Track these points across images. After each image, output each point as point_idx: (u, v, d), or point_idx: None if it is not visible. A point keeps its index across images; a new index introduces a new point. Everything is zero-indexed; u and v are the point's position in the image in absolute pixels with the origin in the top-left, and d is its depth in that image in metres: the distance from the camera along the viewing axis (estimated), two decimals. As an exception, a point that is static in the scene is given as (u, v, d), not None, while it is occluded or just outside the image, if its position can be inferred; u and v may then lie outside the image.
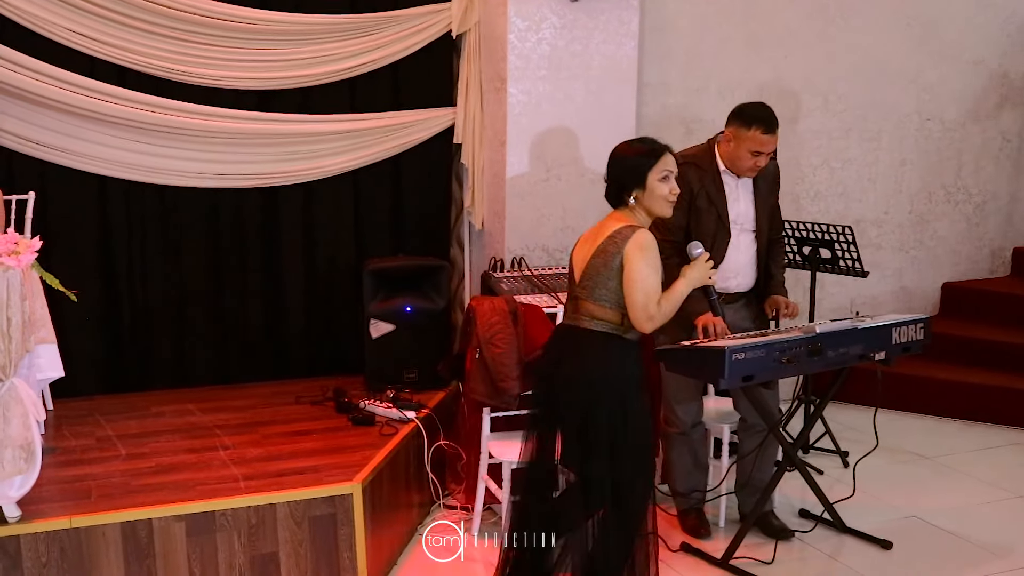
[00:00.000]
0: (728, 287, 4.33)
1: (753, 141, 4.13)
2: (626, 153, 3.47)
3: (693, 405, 4.47)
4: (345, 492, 3.88)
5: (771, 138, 4.16)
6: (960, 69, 6.71)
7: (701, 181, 4.24)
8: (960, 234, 6.93)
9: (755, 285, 4.43)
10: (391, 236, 5.57)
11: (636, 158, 3.43)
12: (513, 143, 5.28)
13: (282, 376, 5.41)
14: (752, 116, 4.14)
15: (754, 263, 4.38)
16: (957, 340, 6.25)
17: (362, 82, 5.36)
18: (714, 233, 4.25)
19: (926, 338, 4.38)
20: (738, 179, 4.29)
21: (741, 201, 4.31)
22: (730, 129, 4.20)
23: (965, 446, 5.66)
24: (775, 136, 4.18)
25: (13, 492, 3.45)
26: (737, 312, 4.39)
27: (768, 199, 4.40)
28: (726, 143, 4.24)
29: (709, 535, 4.47)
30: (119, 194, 5.06)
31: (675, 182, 3.44)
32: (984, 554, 4.34)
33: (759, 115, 4.15)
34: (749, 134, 4.12)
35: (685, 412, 4.44)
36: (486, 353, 4.29)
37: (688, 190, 4.17)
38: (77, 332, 4.91)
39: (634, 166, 3.41)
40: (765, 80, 6.11)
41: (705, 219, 4.24)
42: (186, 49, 4.95)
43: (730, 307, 4.33)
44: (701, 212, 4.24)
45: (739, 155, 4.17)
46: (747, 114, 4.17)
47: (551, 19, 5.24)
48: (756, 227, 4.36)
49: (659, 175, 3.39)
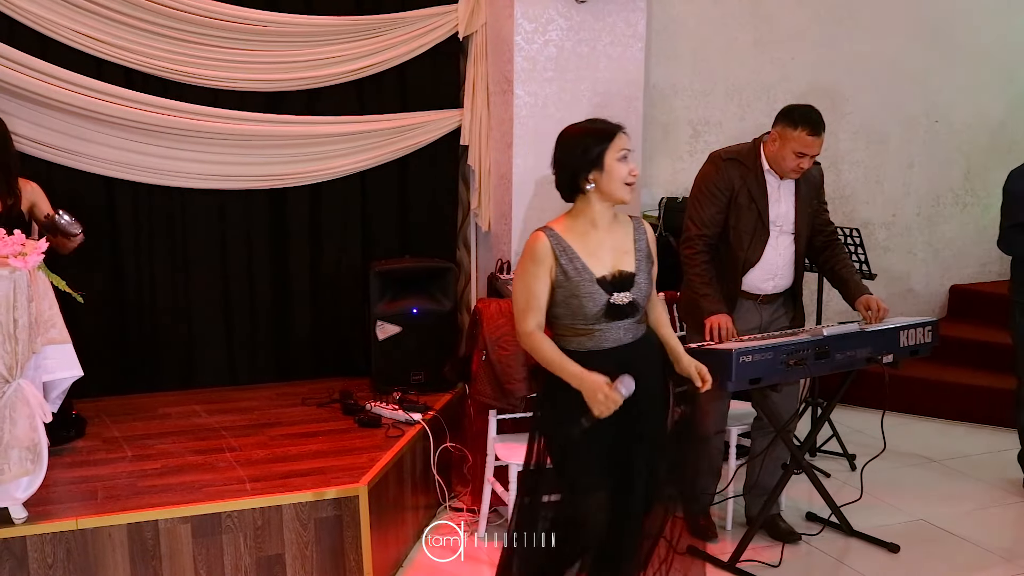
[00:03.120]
0: (765, 288, 4.31)
1: (799, 142, 4.11)
2: (577, 134, 3.20)
3: (717, 413, 4.43)
4: (351, 494, 3.87)
5: (817, 140, 4.14)
6: (968, 71, 6.69)
7: (743, 179, 4.22)
8: (968, 237, 6.91)
9: (792, 285, 4.41)
10: (398, 238, 5.57)
11: (590, 138, 3.16)
12: (520, 145, 5.28)
13: (288, 378, 5.41)
14: (800, 117, 4.13)
15: (792, 265, 4.35)
16: (965, 343, 6.23)
17: (369, 84, 5.36)
18: (753, 231, 4.23)
19: (934, 341, 4.36)
20: (780, 180, 4.27)
21: (783, 202, 4.28)
22: (776, 129, 4.20)
23: (973, 449, 5.64)
24: (821, 138, 4.16)
25: (20, 493, 3.46)
26: (775, 312, 4.38)
27: (810, 202, 4.37)
28: (771, 143, 4.22)
29: (716, 538, 4.46)
30: (126, 196, 5.07)
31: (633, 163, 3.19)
32: (992, 558, 4.33)
33: (807, 116, 4.14)
34: (795, 134, 4.11)
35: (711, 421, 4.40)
36: (492, 355, 4.29)
37: (729, 186, 4.19)
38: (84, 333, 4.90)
39: (588, 147, 3.14)
40: (772, 82, 6.10)
41: (745, 217, 4.23)
42: (193, 51, 4.96)
43: (768, 307, 4.34)
44: (741, 209, 4.22)
45: (784, 155, 4.15)
46: (795, 114, 4.15)
47: (558, 21, 5.23)
48: (796, 230, 4.32)
49: (617, 154, 3.13)
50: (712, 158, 4.33)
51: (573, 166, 3.16)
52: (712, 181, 4.23)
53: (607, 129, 3.17)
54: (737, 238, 4.23)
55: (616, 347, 3.17)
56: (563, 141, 3.23)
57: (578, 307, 3.12)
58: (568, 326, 3.16)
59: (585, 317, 3.13)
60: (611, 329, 3.16)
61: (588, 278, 3.12)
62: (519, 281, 3.19)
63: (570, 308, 3.13)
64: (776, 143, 4.17)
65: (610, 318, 3.14)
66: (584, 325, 3.14)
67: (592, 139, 3.15)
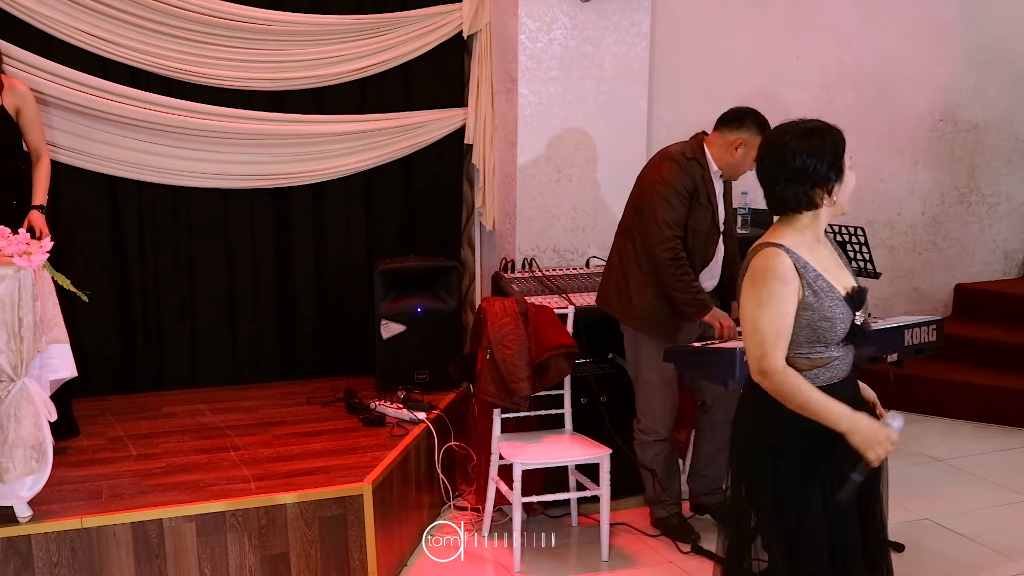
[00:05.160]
0: (708, 287, 4.35)
1: None
2: (814, 140, 2.72)
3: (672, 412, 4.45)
4: (355, 493, 3.88)
5: None
6: (973, 69, 6.67)
7: (703, 179, 4.25)
8: (973, 235, 6.90)
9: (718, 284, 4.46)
10: (402, 237, 5.57)
11: (828, 145, 2.71)
12: (524, 144, 5.28)
13: (293, 377, 5.41)
14: (766, 123, 4.15)
15: (721, 264, 4.43)
16: (970, 342, 6.21)
17: (373, 83, 5.36)
18: (708, 232, 4.28)
19: (939, 340, 4.35)
20: (721, 181, 4.35)
21: (722, 203, 4.36)
22: (741, 135, 4.20)
23: (978, 448, 5.63)
24: None
25: (24, 492, 3.46)
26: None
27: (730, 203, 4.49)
28: (728, 147, 4.24)
29: (699, 538, 4.43)
30: (130, 195, 5.07)
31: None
32: (997, 557, 4.32)
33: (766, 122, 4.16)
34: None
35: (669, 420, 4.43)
36: (497, 354, 4.29)
37: (693, 186, 4.21)
38: (89, 332, 4.92)
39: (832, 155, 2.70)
40: (776, 81, 6.09)
41: (703, 217, 4.25)
42: (197, 50, 4.96)
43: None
44: (701, 209, 4.24)
45: (746, 160, 4.17)
46: (762, 121, 4.19)
47: (562, 20, 5.23)
48: (727, 228, 4.42)
49: (849, 161, 2.74)
50: (674, 156, 4.26)
51: (811, 178, 2.70)
52: (680, 181, 4.20)
53: (839, 133, 2.77)
54: (695, 239, 4.23)
55: (846, 378, 2.80)
56: (794, 148, 2.71)
57: (827, 330, 2.70)
58: (804, 356, 2.72)
59: (828, 343, 2.72)
60: (846, 356, 2.79)
61: (836, 296, 2.71)
62: (762, 310, 2.66)
63: (815, 333, 2.70)
64: (739, 149, 4.20)
65: (849, 341, 2.77)
66: (822, 354, 2.73)
67: (831, 146, 2.73)
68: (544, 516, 4.66)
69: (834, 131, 2.76)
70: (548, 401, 4.52)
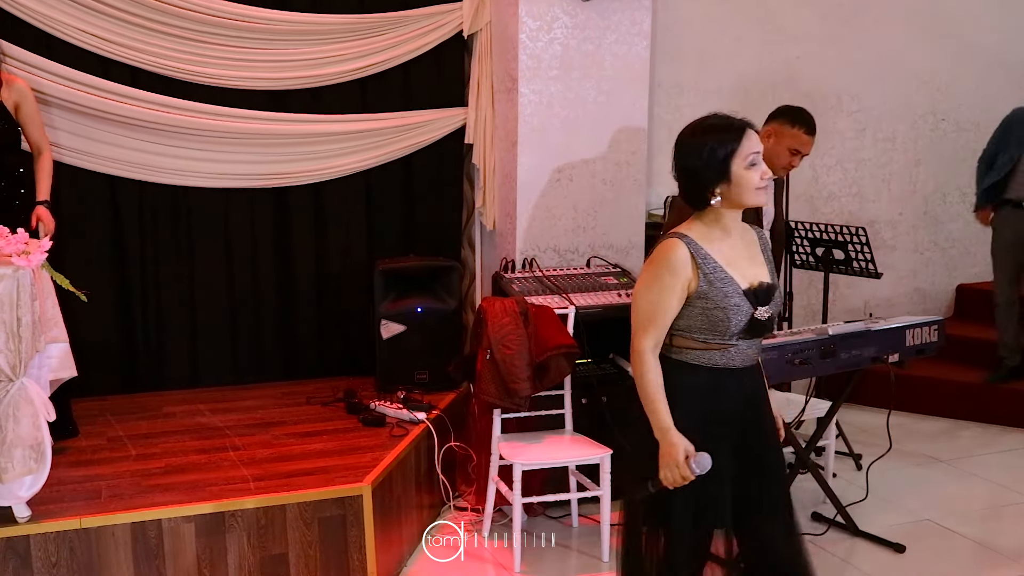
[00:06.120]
0: None
1: (795, 139, 4.26)
2: (697, 137, 2.80)
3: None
4: (355, 493, 3.87)
5: (811, 139, 4.30)
6: (975, 69, 6.67)
7: None
8: (974, 236, 6.88)
9: None
10: (402, 236, 5.57)
11: (711, 142, 2.76)
12: (524, 143, 5.27)
13: (292, 377, 5.41)
14: (797, 114, 4.28)
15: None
16: (971, 342, 6.20)
17: (373, 82, 5.35)
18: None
19: (940, 340, 4.35)
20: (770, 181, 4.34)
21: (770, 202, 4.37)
22: (772, 126, 4.31)
23: (979, 448, 5.62)
24: (813, 139, 4.32)
25: (23, 492, 3.45)
26: None
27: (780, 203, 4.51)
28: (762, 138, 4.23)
29: None
30: (131, 194, 5.07)
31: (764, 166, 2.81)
32: (998, 558, 4.31)
33: (804, 115, 4.30)
34: (792, 131, 4.27)
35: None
36: (497, 354, 4.28)
37: None
38: (89, 332, 4.92)
39: (712, 153, 2.74)
40: (778, 80, 6.08)
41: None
42: (197, 49, 4.96)
43: None
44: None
45: (777, 152, 4.27)
46: (793, 112, 4.30)
47: (563, 19, 5.22)
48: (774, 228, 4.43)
49: (745, 161, 2.75)
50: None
51: (695, 177, 2.79)
52: None
53: (731, 125, 2.78)
54: None
55: (743, 367, 2.86)
56: (682, 145, 2.83)
57: (721, 320, 2.77)
58: (701, 340, 2.81)
59: (724, 332, 2.78)
60: (748, 348, 2.85)
61: (734, 290, 2.78)
62: (645, 292, 2.80)
63: (710, 321, 2.78)
64: (770, 139, 4.25)
65: (749, 334, 2.82)
66: (719, 340, 2.80)
67: (715, 143, 2.76)
68: (544, 516, 4.65)
69: (724, 130, 2.79)
70: (548, 401, 4.51)
